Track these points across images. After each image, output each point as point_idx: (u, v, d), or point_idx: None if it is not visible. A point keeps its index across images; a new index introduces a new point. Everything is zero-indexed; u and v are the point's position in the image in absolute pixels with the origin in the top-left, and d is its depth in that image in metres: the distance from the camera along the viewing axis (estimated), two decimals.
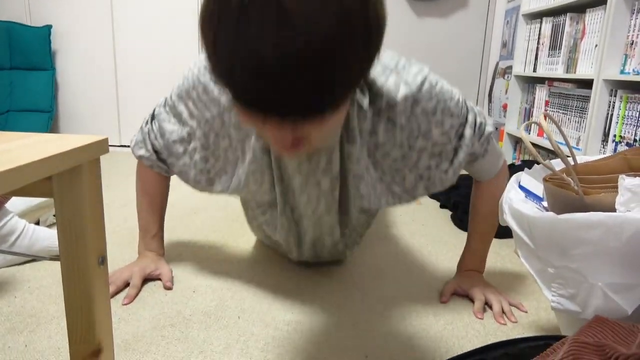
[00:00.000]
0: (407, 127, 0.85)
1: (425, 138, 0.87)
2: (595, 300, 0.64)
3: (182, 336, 0.88)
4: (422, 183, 0.93)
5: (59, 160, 0.52)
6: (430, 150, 0.89)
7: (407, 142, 0.87)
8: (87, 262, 0.60)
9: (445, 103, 0.85)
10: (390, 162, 0.90)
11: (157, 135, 1.02)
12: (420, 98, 0.83)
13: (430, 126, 0.86)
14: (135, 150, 1.07)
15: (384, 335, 0.91)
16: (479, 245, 1.10)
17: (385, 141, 0.87)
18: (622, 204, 0.63)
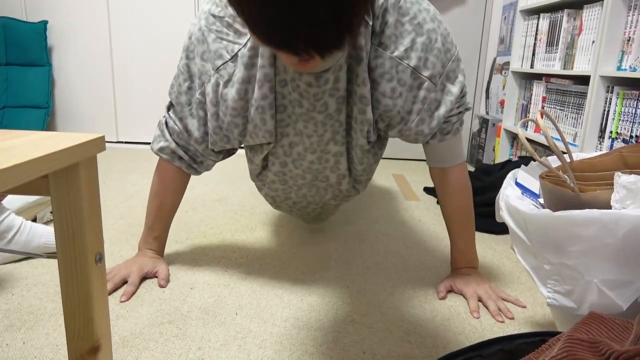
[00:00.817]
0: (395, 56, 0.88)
1: (414, 77, 0.90)
2: (590, 296, 0.64)
3: (180, 333, 0.88)
4: (400, 126, 0.95)
5: (55, 158, 0.52)
6: (416, 92, 0.91)
7: (396, 73, 0.89)
8: (84, 260, 0.61)
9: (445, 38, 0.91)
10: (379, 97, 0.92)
11: (175, 120, 1.03)
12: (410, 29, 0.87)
13: (419, 63, 0.89)
14: (153, 146, 1.08)
15: (381, 331, 0.91)
16: (462, 242, 1.11)
17: (376, 66, 0.89)
18: (617, 201, 0.64)
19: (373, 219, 1.60)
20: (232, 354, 0.82)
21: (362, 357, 0.83)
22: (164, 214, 1.13)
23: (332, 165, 1.03)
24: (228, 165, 2.32)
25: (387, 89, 0.90)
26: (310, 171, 1.04)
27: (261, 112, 0.93)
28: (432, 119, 0.94)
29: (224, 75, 0.93)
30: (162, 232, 1.14)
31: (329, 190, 1.10)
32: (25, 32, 2.61)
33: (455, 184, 1.06)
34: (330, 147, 0.98)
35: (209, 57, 0.94)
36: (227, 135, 0.99)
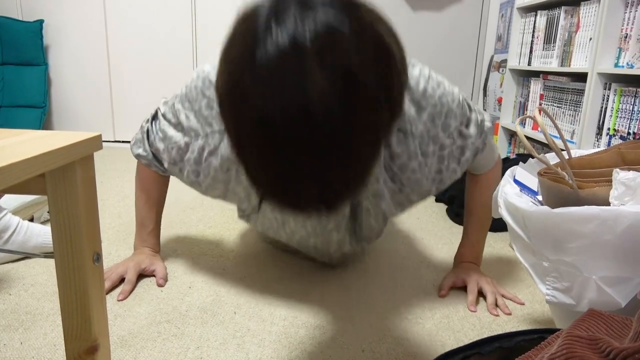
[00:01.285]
0: (417, 134, 0.85)
1: (434, 142, 0.87)
2: (589, 293, 0.64)
3: (178, 332, 0.88)
4: (435, 185, 0.94)
5: (52, 157, 0.51)
6: (439, 153, 0.89)
7: (419, 149, 0.87)
8: (81, 260, 0.60)
9: (449, 106, 0.85)
10: (409, 174, 0.90)
11: (156, 137, 1.01)
12: (424, 104, 0.83)
13: (437, 130, 0.86)
14: (133, 149, 1.07)
15: (380, 329, 0.91)
16: (476, 237, 1.11)
17: (400, 152, 0.86)
18: (616, 197, 0.64)
19: None
20: (231, 353, 0.82)
21: (361, 355, 0.83)
22: (153, 209, 1.13)
23: (335, 248, 1.03)
24: None
25: (416, 167, 0.89)
26: (314, 250, 1.05)
27: (247, 193, 0.93)
28: (460, 164, 0.93)
29: (210, 144, 0.91)
30: (155, 226, 1.14)
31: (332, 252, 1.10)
32: (21, 32, 2.60)
33: (486, 185, 1.06)
34: (333, 235, 0.98)
35: (199, 119, 0.92)
36: (205, 193, 0.99)
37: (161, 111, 1.02)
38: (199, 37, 2.73)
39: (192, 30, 2.73)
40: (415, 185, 0.92)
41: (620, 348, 0.39)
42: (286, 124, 0.44)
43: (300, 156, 0.46)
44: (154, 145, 1.03)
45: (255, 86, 0.45)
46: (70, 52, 2.78)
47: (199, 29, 2.72)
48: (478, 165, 1.03)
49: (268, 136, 0.46)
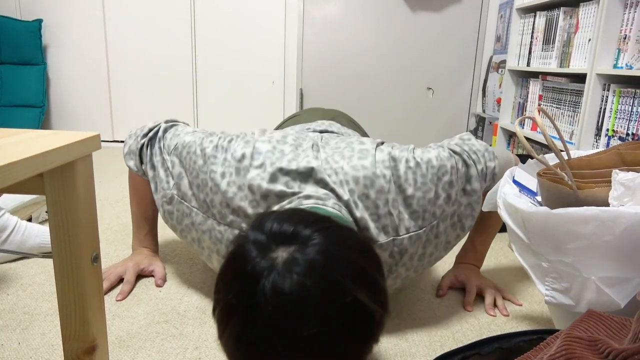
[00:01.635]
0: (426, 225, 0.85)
1: (443, 219, 0.87)
2: (588, 294, 0.64)
3: (176, 332, 0.88)
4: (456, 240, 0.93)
5: (50, 156, 0.51)
6: (449, 223, 0.89)
7: (431, 233, 0.87)
8: (80, 260, 0.60)
9: (442, 179, 0.85)
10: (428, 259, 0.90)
11: (147, 164, 1.00)
12: (421, 195, 0.83)
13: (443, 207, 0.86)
14: (126, 159, 1.03)
15: None
16: (481, 241, 1.10)
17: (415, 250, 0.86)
18: (615, 198, 0.64)
19: None
20: None
21: None
22: (148, 211, 1.12)
23: None
24: None
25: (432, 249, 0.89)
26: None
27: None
28: (474, 215, 0.92)
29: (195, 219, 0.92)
30: (151, 227, 1.14)
31: None
32: (19, 31, 2.60)
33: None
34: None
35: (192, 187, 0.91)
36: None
37: (157, 134, 0.99)
38: (198, 37, 2.73)
39: (191, 30, 2.73)
40: (434, 259, 0.92)
41: (620, 349, 0.39)
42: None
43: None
44: (144, 166, 1.01)
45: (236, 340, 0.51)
46: (69, 52, 2.78)
47: (198, 29, 2.72)
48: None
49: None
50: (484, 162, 0.90)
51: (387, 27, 2.67)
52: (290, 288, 0.48)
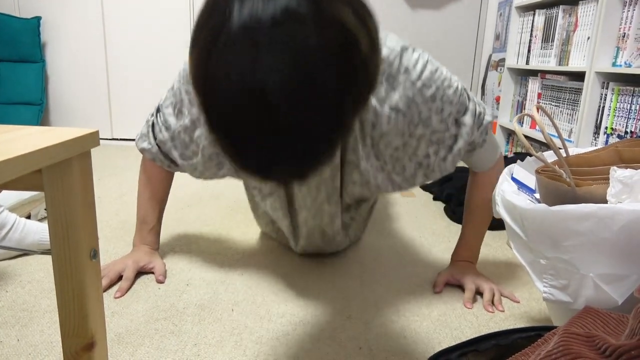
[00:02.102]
0: (408, 114, 0.86)
1: (425, 125, 0.88)
2: (586, 290, 0.64)
3: (175, 329, 0.88)
4: (422, 171, 0.94)
5: (49, 153, 0.51)
6: (429, 137, 0.89)
7: (407, 129, 0.87)
8: (78, 256, 0.60)
9: (445, 91, 0.85)
10: (392, 152, 0.90)
11: (161, 128, 1.02)
12: (420, 86, 0.84)
13: (430, 113, 0.86)
14: (138, 143, 1.08)
15: (377, 327, 0.91)
16: (474, 236, 1.11)
17: (389, 130, 0.87)
18: (613, 195, 0.64)
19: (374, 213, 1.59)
20: (228, 350, 0.82)
21: (359, 352, 0.83)
22: (156, 206, 1.12)
23: (327, 222, 1.04)
24: None
25: (400, 144, 0.89)
26: (305, 225, 1.05)
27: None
28: (452, 154, 0.93)
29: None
30: (156, 224, 1.14)
31: (325, 239, 1.12)
32: (18, 28, 2.59)
33: (485, 181, 1.06)
34: (324, 207, 1.00)
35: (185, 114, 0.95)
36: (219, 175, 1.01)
37: (162, 102, 1.02)
38: None
39: (191, 27, 2.72)
40: (397, 164, 0.92)
41: (617, 345, 0.40)
42: (241, 106, 0.46)
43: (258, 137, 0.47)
44: (159, 137, 1.03)
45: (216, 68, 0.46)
46: (67, 49, 2.77)
47: None
48: (478, 162, 1.03)
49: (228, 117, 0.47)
50: (482, 109, 0.94)
51: (386, 24, 2.67)
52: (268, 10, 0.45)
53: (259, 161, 0.50)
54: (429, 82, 0.84)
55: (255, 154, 0.49)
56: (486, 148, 1.00)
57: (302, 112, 0.46)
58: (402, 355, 0.83)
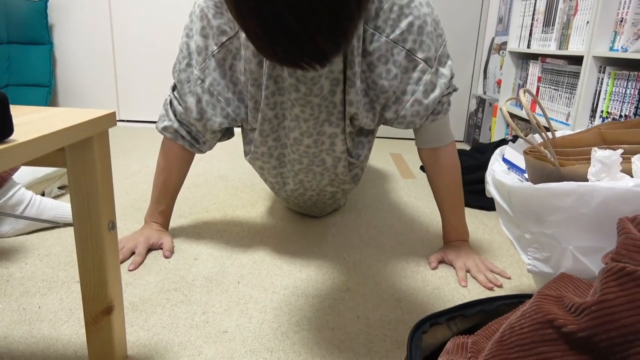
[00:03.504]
0: (391, 39, 0.92)
1: (408, 58, 0.94)
2: (566, 262, 0.69)
3: (185, 299, 0.94)
4: (394, 107, 1.00)
5: (73, 132, 0.56)
6: (411, 74, 0.96)
7: (391, 55, 0.93)
8: (98, 227, 0.66)
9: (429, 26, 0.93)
10: (375, 78, 0.96)
11: (180, 94, 1.06)
12: (407, 12, 0.91)
13: (415, 46, 0.94)
14: (158, 125, 1.13)
15: (375, 299, 0.97)
16: (454, 218, 1.16)
17: (372, 50, 0.93)
18: (593, 174, 0.68)
19: (370, 195, 1.65)
20: (235, 318, 0.88)
21: (356, 321, 0.89)
22: (170, 189, 1.17)
23: (328, 147, 1.07)
24: (229, 144, 2.36)
25: (383, 71, 0.94)
26: (307, 155, 1.08)
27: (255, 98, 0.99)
28: (428, 100, 0.99)
29: (231, 50, 0.97)
30: (168, 206, 1.19)
31: (325, 175, 1.14)
32: (26, 10, 2.62)
33: (446, 162, 1.11)
34: (325, 129, 1.02)
35: (209, 34, 0.97)
36: (239, 106, 1.03)
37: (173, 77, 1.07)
38: None
39: None
40: (380, 92, 0.97)
41: (580, 302, 0.45)
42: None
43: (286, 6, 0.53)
44: (178, 109, 1.08)
45: None
46: (75, 32, 2.81)
47: None
48: (434, 134, 1.08)
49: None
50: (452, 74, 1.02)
51: None
52: None
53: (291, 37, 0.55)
54: (416, 12, 0.91)
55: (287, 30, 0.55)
56: (446, 121, 1.07)
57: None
58: (396, 324, 0.88)
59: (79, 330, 0.82)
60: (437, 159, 1.11)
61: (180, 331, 0.84)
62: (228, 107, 1.02)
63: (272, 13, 0.54)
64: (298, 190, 1.20)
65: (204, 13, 0.96)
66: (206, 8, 0.95)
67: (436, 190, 1.15)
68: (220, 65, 0.99)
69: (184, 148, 1.13)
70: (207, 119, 1.04)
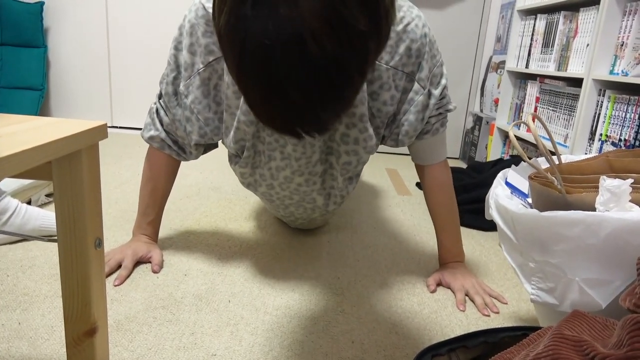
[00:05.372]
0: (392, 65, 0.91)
1: (408, 79, 0.94)
2: (572, 294, 0.67)
3: (173, 318, 0.90)
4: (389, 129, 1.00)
5: (60, 145, 0.53)
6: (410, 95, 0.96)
7: (393, 81, 0.92)
8: (84, 245, 0.62)
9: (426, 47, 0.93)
10: (380, 105, 0.95)
11: (167, 105, 1.04)
12: (404, 38, 0.90)
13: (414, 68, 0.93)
14: (144, 134, 1.10)
15: (370, 322, 0.94)
16: (448, 238, 1.14)
17: (372, 78, 0.91)
18: (601, 203, 0.66)
19: (365, 212, 1.62)
20: (224, 340, 0.84)
21: (351, 346, 0.86)
22: (157, 199, 1.14)
23: (319, 187, 1.06)
24: (222, 154, 2.33)
25: (387, 98, 0.94)
26: (297, 193, 1.07)
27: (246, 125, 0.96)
28: (417, 120, 0.99)
29: (217, 70, 0.95)
30: (156, 217, 1.16)
31: (316, 210, 1.15)
32: (21, 13, 2.59)
33: (434, 182, 1.11)
34: (317, 169, 1.02)
35: (197, 51, 0.95)
36: (218, 126, 1.01)
37: (160, 87, 1.05)
38: None
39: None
40: (386, 117, 0.96)
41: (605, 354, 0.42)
42: (276, 50, 0.49)
43: (290, 81, 0.50)
44: (165, 119, 1.06)
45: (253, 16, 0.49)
46: (70, 35, 2.77)
47: None
48: (424, 152, 1.08)
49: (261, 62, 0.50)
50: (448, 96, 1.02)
51: None
52: None
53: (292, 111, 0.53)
54: (413, 35, 0.90)
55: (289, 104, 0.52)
56: (437, 141, 1.06)
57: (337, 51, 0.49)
58: (392, 350, 0.85)
59: (60, 349, 0.78)
60: (426, 176, 1.12)
61: (167, 353, 0.80)
62: (206, 126, 1.01)
63: (276, 85, 0.51)
64: (289, 217, 1.22)
65: (193, 29, 0.94)
66: (197, 25, 0.93)
67: (430, 208, 1.15)
68: (204, 84, 0.97)
69: (171, 157, 1.11)
70: (187, 133, 1.04)
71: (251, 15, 0.49)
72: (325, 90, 0.51)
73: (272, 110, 0.54)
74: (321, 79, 0.50)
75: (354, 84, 0.53)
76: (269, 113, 0.55)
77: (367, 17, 0.50)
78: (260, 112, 0.56)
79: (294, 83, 0.50)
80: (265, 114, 0.55)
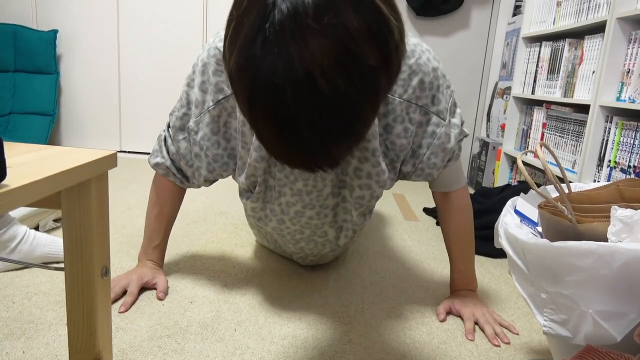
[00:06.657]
0: (405, 98, 0.91)
1: (422, 113, 0.94)
2: (585, 326, 0.65)
3: (178, 347, 0.89)
4: (412, 161, 0.99)
5: (69, 175, 0.53)
6: (425, 127, 0.95)
7: (406, 114, 0.92)
8: (90, 273, 0.62)
9: (439, 81, 0.93)
10: (394, 138, 0.94)
11: (174, 135, 1.05)
12: (417, 70, 0.90)
13: (427, 101, 0.93)
14: (151, 160, 1.11)
15: (378, 352, 0.92)
16: (462, 264, 1.12)
17: (386, 112, 0.91)
18: (614, 233, 0.65)
19: (372, 238, 1.61)
20: None
21: None
22: (163, 224, 1.14)
23: (331, 220, 1.06)
24: (229, 180, 2.34)
25: (401, 131, 0.94)
26: (308, 226, 1.06)
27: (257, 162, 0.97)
28: (444, 152, 0.99)
29: (227, 108, 0.96)
30: (162, 241, 1.16)
31: (327, 244, 1.14)
32: (35, 40, 2.65)
33: (457, 206, 1.09)
34: (328, 202, 1.01)
35: (207, 89, 0.97)
36: (227, 162, 1.02)
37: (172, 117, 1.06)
38: None
39: (204, 44, 2.78)
40: (400, 151, 0.96)
41: None
42: (286, 89, 0.49)
43: (302, 118, 0.50)
44: (171, 148, 1.07)
45: (263, 56, 0.50)
46: (82, 62, 2.83)
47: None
48: (447, 179, 1.07)
49: (272, 101, 0.50)
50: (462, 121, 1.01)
51: None
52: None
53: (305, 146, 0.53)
54: (425, 68, 0.90)
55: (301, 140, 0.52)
56: (458, 166, 1.06)
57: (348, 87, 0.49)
58: None
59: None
60: (449, 202, 1.10)
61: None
62: (215, 162, 1.02)
63: (288, 123, 0.51)
64: (299, 254, 1.21)
65: (205, 68, 0.96)
66: (208, 64, 0.95)
67: (446, 233, 1.12)
68: (214, 122, 0.98)
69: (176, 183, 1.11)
70: (195, 169, 1.05)
71: (260, 54, 0.50)
72: (337, 126, 0.51)
73: (284, 146, 0.54)
74: (333, 115, 0.50)
75: (366, 119, 0.54)
76: (281, 149, 0.55)
77: (377, 52, 0.51)
78: (273, 148, 0.56)
79: (306, 121, 0.50)
80: (278, 151, 0.56)
